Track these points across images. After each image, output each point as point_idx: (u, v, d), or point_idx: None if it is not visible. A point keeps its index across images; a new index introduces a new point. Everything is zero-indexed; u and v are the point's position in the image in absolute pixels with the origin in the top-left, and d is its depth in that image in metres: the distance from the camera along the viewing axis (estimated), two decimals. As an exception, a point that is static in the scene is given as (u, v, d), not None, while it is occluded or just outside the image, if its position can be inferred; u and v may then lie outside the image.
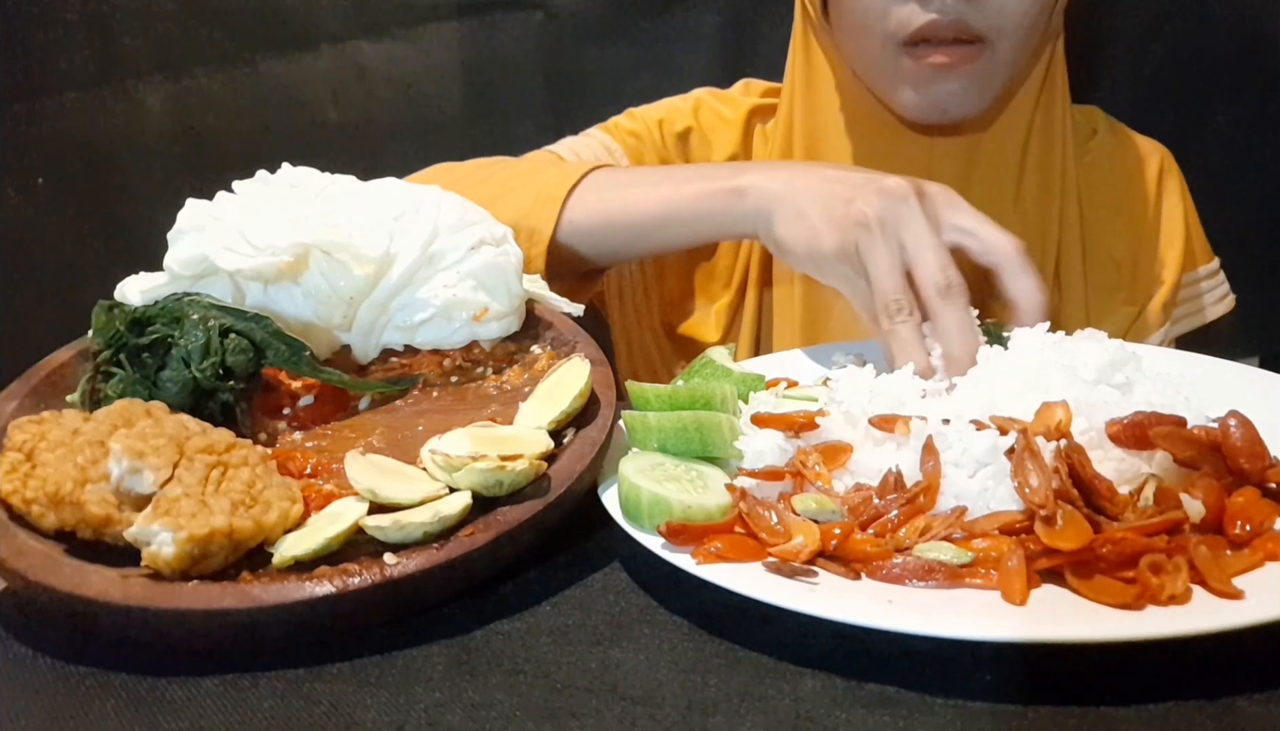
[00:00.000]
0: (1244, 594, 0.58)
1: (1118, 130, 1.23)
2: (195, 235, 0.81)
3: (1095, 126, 1.22)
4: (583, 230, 0.99)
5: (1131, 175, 1.20)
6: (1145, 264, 1.19)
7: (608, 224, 0.98)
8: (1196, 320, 1.23)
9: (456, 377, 0.83)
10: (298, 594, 0.62)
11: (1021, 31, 1.02)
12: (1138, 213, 1.19)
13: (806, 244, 0.88)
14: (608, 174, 1.02)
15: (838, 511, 0.67)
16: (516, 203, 0.99)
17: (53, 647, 0.64)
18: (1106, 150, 1.21)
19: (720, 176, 0.96)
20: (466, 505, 0.66)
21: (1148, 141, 1.23)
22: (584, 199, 0.99)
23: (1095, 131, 1.22)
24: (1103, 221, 1.18)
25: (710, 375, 0.85)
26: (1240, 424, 0.67)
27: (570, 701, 0.58)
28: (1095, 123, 1.22)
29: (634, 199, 0.98)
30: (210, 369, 0.75)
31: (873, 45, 1.03)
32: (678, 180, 0.98)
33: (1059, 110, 1.14)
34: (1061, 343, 0.77)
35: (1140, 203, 1.20)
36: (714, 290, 1.19)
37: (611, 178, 1.01)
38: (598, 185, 1.00)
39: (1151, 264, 1.20)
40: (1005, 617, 0.58)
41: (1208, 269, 1.23)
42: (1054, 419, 0.68)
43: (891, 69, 1.04)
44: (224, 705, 0.59)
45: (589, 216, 0.99)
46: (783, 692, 0.57)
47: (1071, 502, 0.62)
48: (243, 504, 0.65)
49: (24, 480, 0.66)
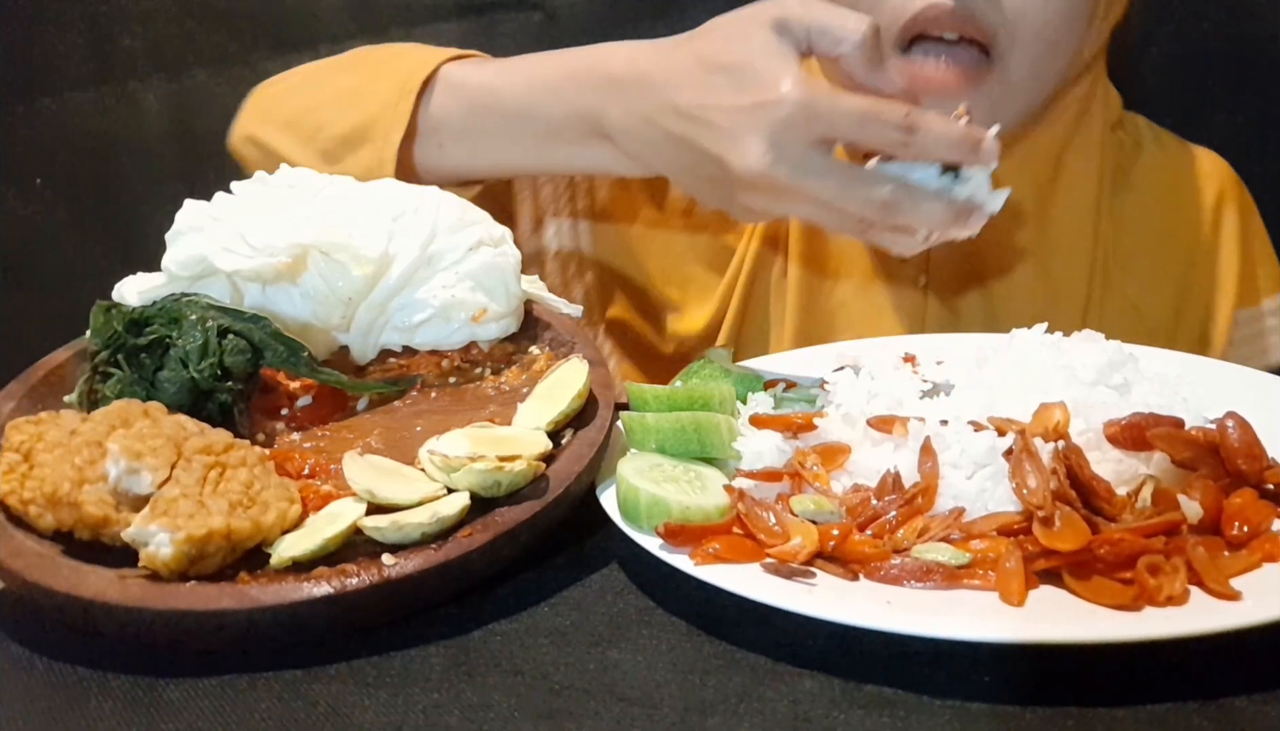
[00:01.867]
0: (1241, 595, 0.58)
1: (1166, 145, 1.06)
2: (193, 236, 0.81)
3: (1139, 140, 1.05)
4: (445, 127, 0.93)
5: (1182, 203, 1.04)
6: (1194, 302, 1.03)
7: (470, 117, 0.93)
8: (1263, 361, 1.03)
9: (455, 378, 0.83)
10: (295, 594, 0.62)
11: (1039, 45, 0.88)
12: (1186, 243, 1.03)
13: (706, 202, 0.84)
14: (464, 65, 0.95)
15: (836, 512, 0.67)
16: (365, 99, 0.94)
17: (50, 648, 0.64)
18: (1150, 172, 1.04)
19: (579, 107, 0.87)
20: (465, 506, 0.66)
21: (1206, 157, 1.07)
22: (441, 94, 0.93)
23: (1140, 144, 1.05)
24: (1140, 263, 1.02)
25: (709, 376, 0.85)
26: (1238, 425, 0.67)
27: (568, 702, 0.58)
28: (1139, 136, 1.06)
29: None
30: (208, 369, 0.75)
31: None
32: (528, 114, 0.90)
33: (1095, 153, 1.00)
34: (1059, 343, 0.77)
35: (1191, 234, 1.04)
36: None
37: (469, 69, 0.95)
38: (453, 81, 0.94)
39: (1200, 302, 1.04)
40: (1003, 618, 0.58)
41: (1276, 303, 1.05)
42: (1052, 420, 0.68)
43: (880, 84, 0.82)
44: (222, 705, 0.59)
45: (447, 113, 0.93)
46: (780, 693, 0.57)
47: (1069, 504, 0.62)
48: (240, 504, 0.65)
49: (21, 480, 0.66)
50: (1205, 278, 1.04)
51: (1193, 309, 1.04)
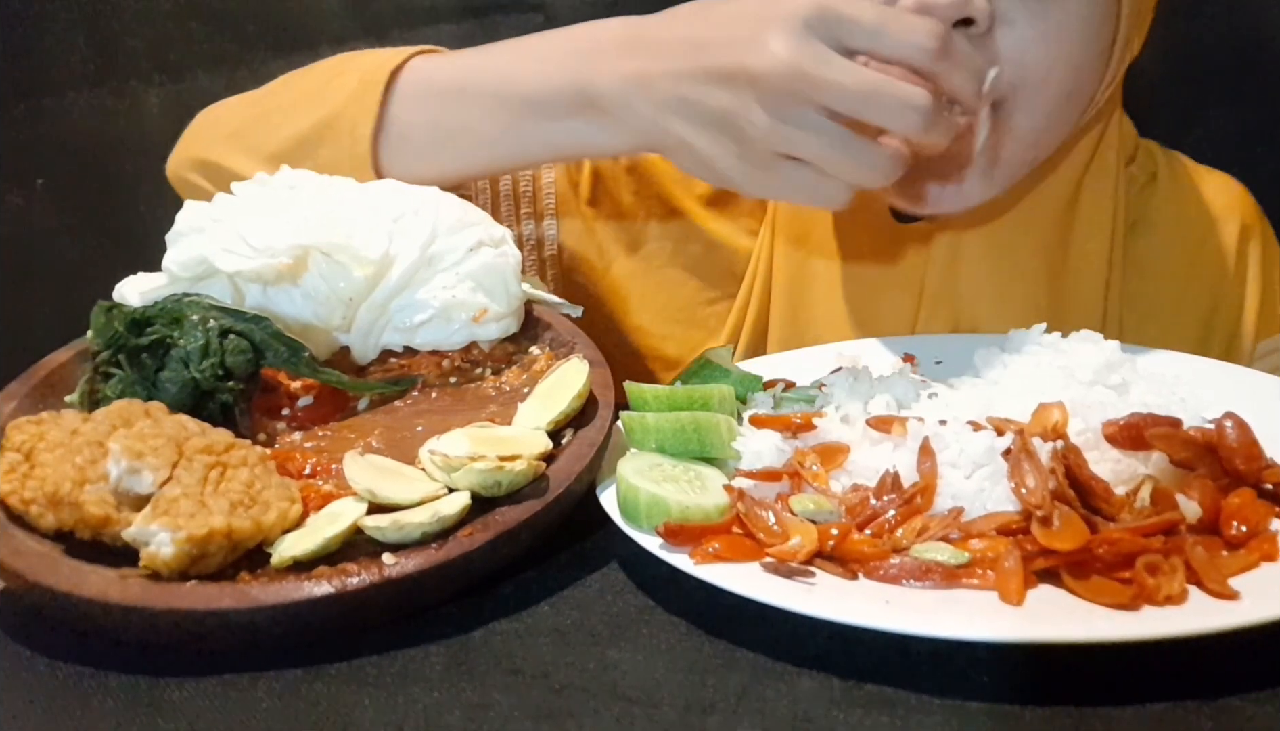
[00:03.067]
0: (1240, 594, 0.58)
1: (1180, 177, 1.01)
2: (194, 237, 0.82)
3: (1154, 170, 1.00)
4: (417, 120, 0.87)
5: (1203, 240, 0.99)
6: (1218, 338, 1.00)
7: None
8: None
9: (455, 378, 0.83)
10: (296, 594, 0.62)
11: (1044, 93, 0.85)
12: (1210, 283, 0.99)
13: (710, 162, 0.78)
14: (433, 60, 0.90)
15: (835, 512, 0.67)
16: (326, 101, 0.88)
17: (51, 648, 0.64)
18: (1167, 206, 0.99)
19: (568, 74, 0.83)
20: (465, 505, 0.66)
21: (1224, 187, 1.02)
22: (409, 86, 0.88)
23: (1155, 177, 1.00)
24: (1160, 307, 0.98)
25: (708, 376, 0.85)
26: (1236, 425, 0.67)
27: (568, 701, 0.58)
28: (1153, 167, 1.01)
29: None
30: (209, 370, 0.75)
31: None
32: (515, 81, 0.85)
33: (1109, 200, 0.95)
34: (1058, 344, 0.77)
35: (1215, 273, 0.99)
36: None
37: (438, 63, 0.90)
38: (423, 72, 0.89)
39: (1224, 336, 1.00)
40: (1002, 618, 0.58)
41: None
42: (1050, 420, 0.68)
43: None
44: (222, 705, 0.59)
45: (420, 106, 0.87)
46: (780, 692, 0.58)
47: (1068, 503, 0.62)
48: (241, 504, 0.65)
49: (22, 480, 0.66)
50: (1230, 314, 1.00)
51: (1217, 345, 1.00)
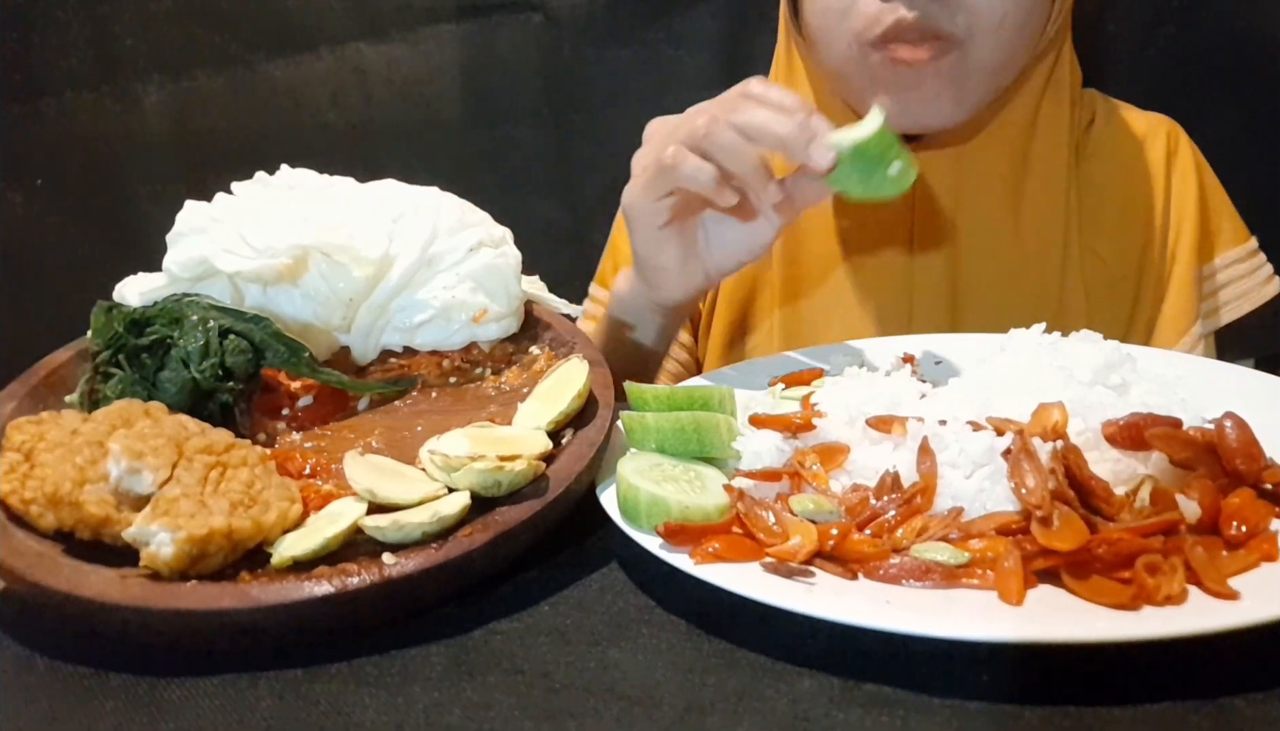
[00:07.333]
0: (1239, 594, 0.58)
1: (1115, 114, 1.13)
2: (194, 237, 0.82)
3: (1093, 113, 1.13)
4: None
5: (1134, 163, 1.11)
6: (1155, 259, 1.10)
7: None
8: (1241, 307, 1.11)
9: (455, 378, 0.83)
10: (296, 594, 0.62)
11: (1000, 34, 0.97)
12: (1143, 203, 1.10)
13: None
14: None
15: (835, 512, 0.67)
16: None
17: (51, 648, 0.64)
18: (1105, 139, 1.11)
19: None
20: (465, 505, 0.66)
21: (1152, 118, 1.14)
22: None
23: (1093, 119, 1.12)
24: (1106, 222, 1.09)
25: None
26: (1236, 425, 0.67)
27: (568, 701, 0.58)
28: (1093, 108, 1.13)
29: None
30: (209, 370, 0.76)
31: (840, 46, 0.99)
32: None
33: (1065, 119, 1.07)
34: (1058, 344, 0.77)
35: (1145, 192, 1.11)
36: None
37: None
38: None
39: (1162, 258, 1.10)
40: (1002, 618, 0.58)
41: (1240, 251, 1.12)
42: (1050, 420, 0.68)
43: (860, 71, 0.99)
44: (222, 705, 0.59)
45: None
46: (780, 692, 0.58)
47: (1068, 503, 0.62)
48: (241, 504, 0.65)
49: (22, 480, 0.66)
50: (1162, 238, 1.11)
51: (1153, 270, 1.11)
